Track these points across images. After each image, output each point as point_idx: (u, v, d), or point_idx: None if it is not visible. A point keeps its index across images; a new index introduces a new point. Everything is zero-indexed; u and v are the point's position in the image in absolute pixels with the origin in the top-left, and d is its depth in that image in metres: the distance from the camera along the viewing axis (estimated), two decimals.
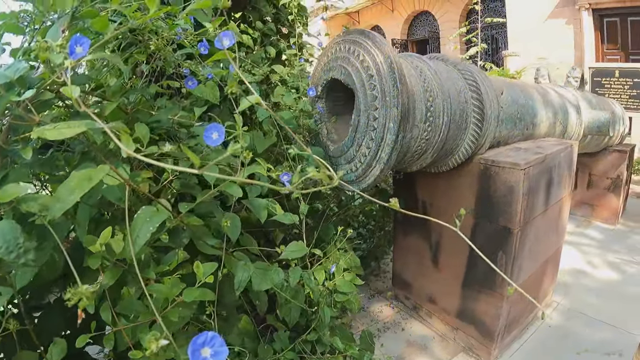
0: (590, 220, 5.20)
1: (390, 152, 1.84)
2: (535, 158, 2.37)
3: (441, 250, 2.87)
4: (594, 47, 12.28)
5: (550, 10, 12.88)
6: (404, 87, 1.77)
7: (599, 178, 5.11)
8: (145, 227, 1.06)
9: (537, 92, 3.07)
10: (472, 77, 2.31)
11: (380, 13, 22.82)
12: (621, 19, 12.11)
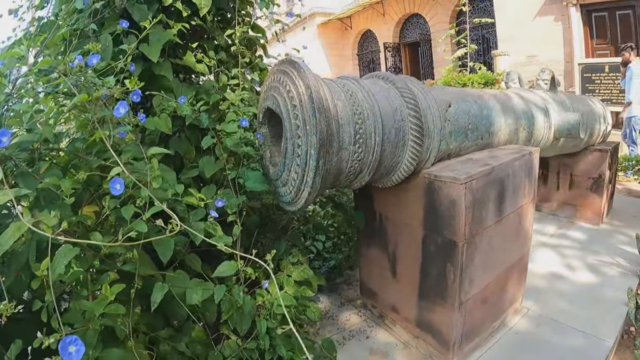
0: (574, 220, 5.17)
1: (314, 177, 1.93)
2: (480, 171, 2.37)
3: (398, 261, 2.89)
4: (583, 43, 12.29)
5: (538, 8, 12.88)
6: (322, 115, 1.85)
7: (580, 178, 5.08)
8: (61, 261, 1.41)
9: (495, 100, 3.05)
10: (410, 95, 2.32)
11: (372, 17, 22.90)
12: (609, 13, 12.13)
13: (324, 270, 4.00)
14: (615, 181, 5.70)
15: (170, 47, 2.58)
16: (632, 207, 5.80)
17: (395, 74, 10.85)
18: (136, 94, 1.88)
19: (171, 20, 2.49)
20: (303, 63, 2.02)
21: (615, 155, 5.34)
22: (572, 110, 4.06)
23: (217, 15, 2.91)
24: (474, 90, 3.09)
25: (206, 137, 2.29)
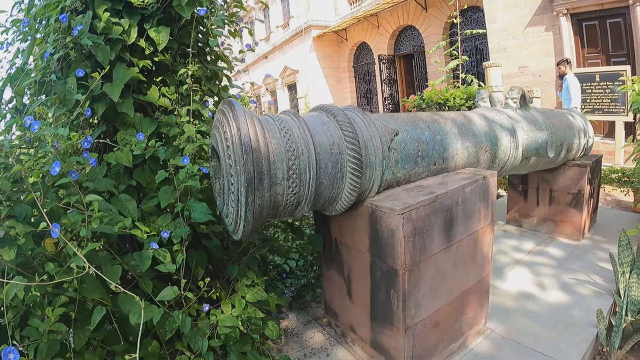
0: (554, 236, 5.14)
1: (246, 212, 2.04)
2: (421, 200, 2.38)
3: (352, 284, 2.92)
4: (574, 52, 12.31)
5: (529, 18, 12.93)
6: (249, 156, 1.96)
7: (560, 194, 5.06)
8: (12, 289, 1.77)
9: (452, 125, 3.05)
10: (349, 128, 2.35)
11: (367, 30, 23.10)
12: (600, 22, 12.15)
13: (294, 287, 4.03)
14: (599, 195, 5.67)
15: (135, 83, 2.69)
16: (617, 221, 5.77)
17: (390, 85, 11.13)
18: (87, 141, 2.15)
19: (135, 57, 2.64)
20: (239, 106, 2.10)
21: (596, 169, 5.31)
22: (545, 127, 4.04)
23: (179, 50, 2.96)
24: (429, 114, 3.08)
25: (161, 172, 2.42)
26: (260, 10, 33.41)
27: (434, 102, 6.50)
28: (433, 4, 18.52)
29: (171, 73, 2.95)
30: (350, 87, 26.11)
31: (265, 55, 31.98)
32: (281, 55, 29.18)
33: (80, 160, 2.16)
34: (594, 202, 5.38)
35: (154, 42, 2.64)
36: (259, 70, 33.63)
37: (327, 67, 25.47)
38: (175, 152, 2.62)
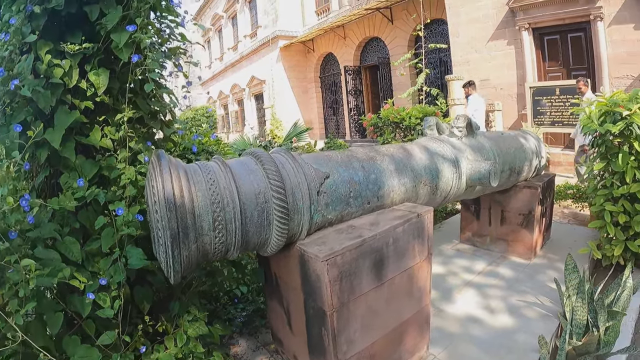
0: (506, 255, 5.24)
1: (173, 263, 2.08)
2: (347, 245, 2.43)
3: (291, 317, 2.96)
4: (535, 66, 12.63)
5: (492, 32, 13.19)
6: (173, 214, 2.03)
7: (511, 214, 5.16)
8: None
9: (390, 161, 3.10)
10: (276, 176, 2.40)
11: (333, 40, 23.29)
12: (561, 36, 12.49)
13: (245, 312, 4.05)
14: (552, 213, 5.78)
15: (77, 125, 2.69)
16: (570, 236, 5.90)
17: (356, 96, 11.24)
18: (24, 199, 2.18)
19: (77, 99, 2.64)
20: (165, 160, 2.16)
21: (548, 189, 5.42)
22: (491, 154, 4.12)
23: (121, 89, 2.94)
24: (368, 152, 3.12)
25: (100, 218, 2.50)
26: (228, 19, 33.36)
27: (391, 121, 6.57)
28: (399, 16, 18.76)
29: (113, 112, 2.95)
30: (316, 97, 26.29)
31: (233, 64, 31.91)
32: (248, 65, 29.22)
33: (20, 218, 2.20)
34: (546, 220, 5.48)
35: None
36: (227, 79, 33.59)
37: (294, 77, 25.63)
38: (115, 195, 2.66)
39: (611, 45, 11.13)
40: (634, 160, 4.18)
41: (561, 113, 10.86)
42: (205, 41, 39.12)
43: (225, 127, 35.58)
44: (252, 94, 29.76)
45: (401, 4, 18.02)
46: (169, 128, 3.34)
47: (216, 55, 36.89)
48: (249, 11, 30.02)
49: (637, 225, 4.22)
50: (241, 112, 32.59)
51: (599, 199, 4.55)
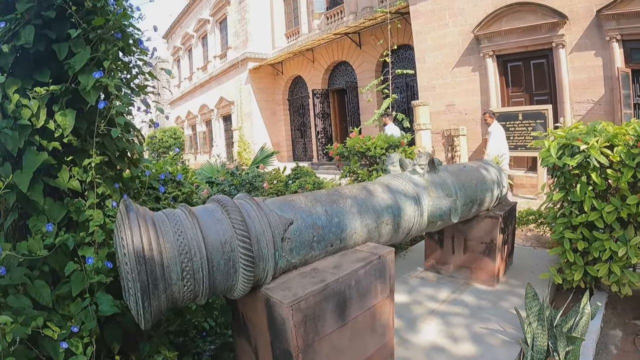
0: (470, 282, 5.35)
1: (144, 313, 2.14)
2: (311, 290, 2.52)
3: (259, 354, 2.99)
4: (499, 92, 12.97)
5: (457, 58, 13.52)
6: (143, 267, 2.09)
7: (474, 243, 5.30)
8: None
9: (352, 203, 3.21)
10: (241, 226, 2.49)
11: (302, 64, 23.52)
12: (524, 62, 12.87)
13: (214, 346, 4.06)
14: (514, 240, 5.94)
15: (45, 166, 2.69)
16: (533, 261, 6.08)
17: (324, 119, 11.45)
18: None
19: (45, 139, 2.64)
20: (134, 212, 2.21)
21: (510, 217, 5.59)
22: (453, 190, 4.25)
23: (89, 131, 2.94)
24: (331, 194, 3.22)
25: (69, 263, 2.52)
26: (198, 39, 33.43)
27: (356, 150, 6.71)
28: (367, 41, 19.09)
29: (81, 153, 2.95)
30: (284, 119, 26.56)
31: (202, 85, 31.93)
32: (217, 86, 29.44)
33: None
34: (508, 247, 5.64)
35: None
36: (196, 99, 33.64)
37: (263, 99, 25.88)
38: (84, 240, 2.67)
39: (572, 71, 11.58)
40: (592, 191, 4.36)
41: (524, 137, 11.21)
42: (175, 60, 39.04)
43: (193, 147, 35.41)
44: (220, 115, 29.89)
45: (369, 29, 18.39)
46: (137, 168, 3.36)
47: (185, 75, 36.95)
48: (219, 32, 30.29)
49: (596, 251, 4.38)
50: (209, 133, 32.65)
51: (558, 227, 4.71)
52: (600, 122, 4.64)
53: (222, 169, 9.75)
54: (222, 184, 7.81)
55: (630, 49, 10.96)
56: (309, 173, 8.67)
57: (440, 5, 14.12)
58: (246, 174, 8.14)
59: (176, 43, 37.83)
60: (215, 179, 8.04)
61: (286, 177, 9.15)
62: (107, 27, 2.79)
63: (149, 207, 3.51)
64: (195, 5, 33.24)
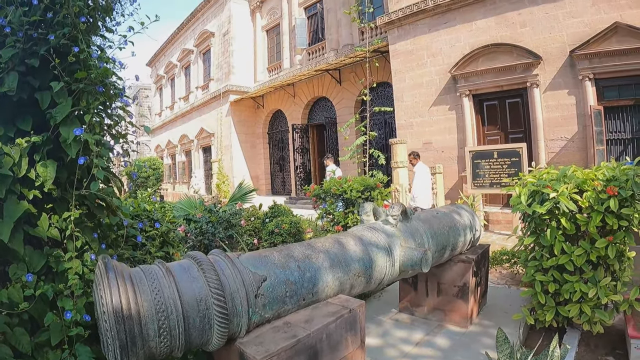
0: (443, 324, 5.42)
1: None
2: (283, 346, 2.60)
3: None
4: (475, 130, 13.26)
5: (434, 97, 13.85)
6: (121, 326, 2.16)
7: (447, 286, 5.40)
8: None
9: (325, 257, 3.31)
10: (216, 284, 2.58)
11: (283, 98, 23.77)
12: (500, 101, 13.21)
13: None
14: (487, 281, 6.05)
15: (25, 214, 2.69)
16: (506, 300, 6.18)
17: (303, 153, 11.72)
18: None
19: (25, 188, 2.66)
20: (112, 271, 2.28)
21: (483, 259, 5.71)
22: (425, 238, 4.37)
23: (69, 180, 2.99)
24: (304, 249, 3.31)
25: (49, 314, 2.55)
26: (182, 69, 33.58)
27: (332, 193, 6.83)
28: (347, 78, 19.41)
29: (60, 201, 2.97)
30: (264, 153, 26.74)
31: (183, 114, 31.96)
32: (198, 116, 29.59)
33: None
34: (481, 289, 5.74)
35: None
36: (176, 128, 33.61)
37: (243, 132, 26.04)
38: (63, 290, 2.70)
39: (547, 109, 12.00)
40: (562, 235, 4.50)
41: (499, 175, 11.43)
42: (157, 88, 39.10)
43: (172, 177, 35.24)
44: (200, 146, 29.96)
45: (349, 66, 18.74)
46: (115, 216, 3.36)
47: (167, 104, 36.92)
48: (202, 63, 30.52)
49: (566, 292, 4.50)
50: (188, 163, 32.57)
51: (529, 270, 4.85)
52: (571, 166, 4.82)
53: (200, 204, 9.75)
54: (200, 221, 7.80)
55: (602, 87, 11.46)
56: (285, 212, 8.76)
57: (419, 45, 14.57)
58: (224, 211, 8.17)
59: (160, 71, 37.90)
60: (192, 216, 8.05)
61: (263, 215, 9.23)
62: (89, 79, 2.86)
63: (126, 256, 3.57)
64: (180, 35, 33.56)
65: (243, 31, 26.62)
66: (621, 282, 4.52)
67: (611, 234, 4.35)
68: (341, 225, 6.66)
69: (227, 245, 7.61)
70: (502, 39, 12.77)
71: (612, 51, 10.86)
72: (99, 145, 2.91)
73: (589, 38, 11.15)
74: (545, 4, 12.04)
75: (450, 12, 13.83)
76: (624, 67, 10.85)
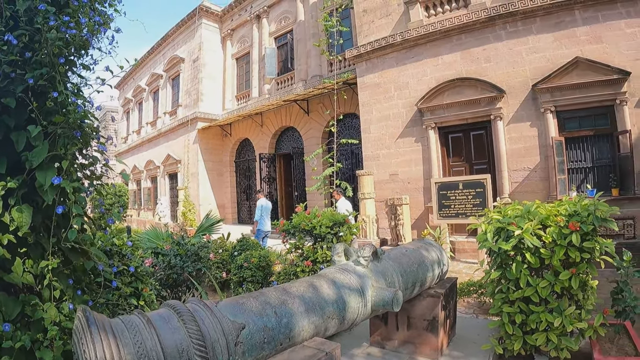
0: (414, 357, 5.49)
1: None
2: None
3: None
4: (441, 162, 13.53)
5: (401, 130, 14.13)
6: None
7: (417, 320, 5.48)
8: None
9: (299, 303, 3.38)
10: (197, 335, 2.62)
11: (251, 127, 23.82)
12: (464, 134, 13.52)
13: None
14: (455, 313, 6.16)
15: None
16: (475, 330, 6.31)
17: (270, 183, 11.85)
18: None
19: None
20: (94, 325, 2.29)
21: (451, 293, 5.83)
22: (395, 277, 4.46)
23: (43, 224, 2.98)
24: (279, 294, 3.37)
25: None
26: (150, 93, 33.21)
27: (302, 228, 6.89)
28: (315, 109, 19.59)
29: (35, 245, 2.96)
30: (231, 181, 26.57)
31: (150, 140, 31.51)
32: (165, 142, 29.18)
33: None
34: (450, 321, 5.85)
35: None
36: (142, 154, 32.99)
37: (210, 160, 25.86)
38: (41, 340, 2.70)
39: (510, 141, 12.42)
40: (527, 269, 4.64)
41: (464, 205, 11.68)
42: (124, 112, 38.51)
43: (137, 203, 34.63)
44: (166, 173, 29.51)
45: (317, 97, 18.97)
46: (89, 261, 3.32)
47: (134, 128, 36.24)
48: (171, 88, 30.19)
49: (533, 322, 4.62)
50: (154, 190, 31.99)
51: (496, 302, 4.98)
52: (535, 202, 5.02)
53: (167, 236, 9.66)
54: (168, 254, 7.74)
55: (563, 118, 11.98)
56: (254, 245, 8.80)
57: (387, 78, 14.91)
58: (192, 244, 8.14)
59: (127, 94, 37.16)
60: (160, 249, 7.97)
61: (232, 248, 9.23)
62: (67, 123, 2.86)
63: (101, 301, 3.57)
64: (150, 59, 33.18)
65: (213, 58, 26.69)
66: (585, 310, 4.68)
67: (574, 266, 4.51)
68: (310, 260, 6.70)
69: (194, 278, 7.58)
70: (467, 73, 13.21)
71: (573, 84, 11.44)
72: (76, 192, 2.92)
73: (550, 72, 11.72)
74: (508, 39, 12.60)
75: (418, 46, 14.27)
76: (584, 99, 11.46)
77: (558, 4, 11.73)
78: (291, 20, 22.61)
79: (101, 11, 3.39)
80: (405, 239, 12.73)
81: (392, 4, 15.01)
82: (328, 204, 11.98)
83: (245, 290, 7.40)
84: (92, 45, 3.31)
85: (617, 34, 11.17)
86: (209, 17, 26.74)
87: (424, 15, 14.31)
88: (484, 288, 7.49)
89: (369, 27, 15.50)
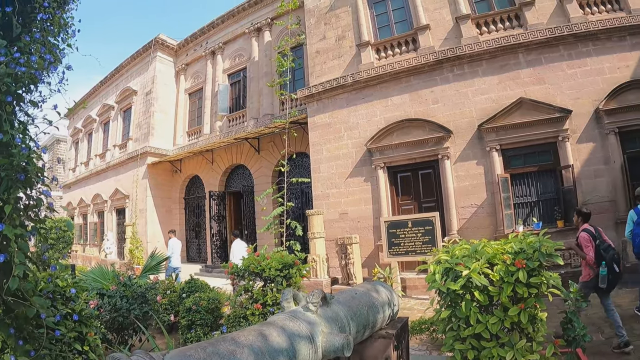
0: None
1: None
2: None
3: None
4: (390, 200, 13.75)
5: (350, 169, 14.32)
6: None
7: None
8: None
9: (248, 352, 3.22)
10: None
11: (201, 164, 23.67)
12: (413, 173, 13.81)
13: None
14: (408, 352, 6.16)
15: None
16: None
17: (219, 221, 11.98)
18: None
19: None
20: None
21: (403, 332, 5.83)
22: (346, 322, 4.44)
23: None
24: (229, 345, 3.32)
25: None
26: (100, 124, 32.37)
27: (251, 271, 6.83)
28: (266, 147, 19.65)
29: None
30: (179, 218, 26.01)
31: (98, 173, 30.49)
32: (114, 176, 28.22)
33: None
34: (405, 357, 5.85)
35: None
36: (90, 187, 31.71)
37: (159, 195, 25.16)
38: None
39: (457, 179, 12.78)
40: (476, 306, 4.71)
41: (414, 243, 11.84)
42: (73, 142, 37.23)
43: (83, 238, 33.41)
44: (114, 208, 28.40)
45: (268, 135, 19.00)
46: (32, 308, 3.14)
47: (82, 160, 34.88)
48: (122, 121, 29.18)
49: (485, 358, 4.68)
50: (100, 225, 30.61)
51: (448, 340, 5.02)
52: (482, 241, 5.11)
53: (113, 276, 9.37)
54: (114, 295, 7.51)
55: (508, 156, 12.49)
56: (203, 287, 8.67)
57: (337, 118, 15.14)
58: (139, 286, 7.94)
59: (77, 124, 35.80)
60: (106, 290, 7.73)
61: (180, 290, 9.05)
62: (11, 166, 2.78)
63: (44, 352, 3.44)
64: (102, 89, 32.14)
65: (166, 92, 26.20)
66: (536, 342, 4.75)
67: (522, 302, 4.60)
68: (260, 303, 6.63)
69: (141, 321, 7.38)
70: (415, 114, 13.58)
71: (517, 123, 12.04)
72: (20, 241, 2.84)
73: (495, 112, 12.28)
74: (455, 82, 13.11)
75: (368, 88, 14.58)
76: (528, 137, 12.08)
77: (503, 48, 12.39)
78: (245, 57, 22.64)
79: (53, 45, 3.35)
80: (356, 277, 12.72)
81: (344, 46, 15.38)
82: (278, 243, 11.87)
83: (194, 335, 7.27)
84: (42, 80, 3.26)
85: (558, 75, 11.90)
86: (164, 50, 26.40)
87: (375, 57, 14.72)
88: (436, 325, 7.55)
89: (321, 68, 15.78)
